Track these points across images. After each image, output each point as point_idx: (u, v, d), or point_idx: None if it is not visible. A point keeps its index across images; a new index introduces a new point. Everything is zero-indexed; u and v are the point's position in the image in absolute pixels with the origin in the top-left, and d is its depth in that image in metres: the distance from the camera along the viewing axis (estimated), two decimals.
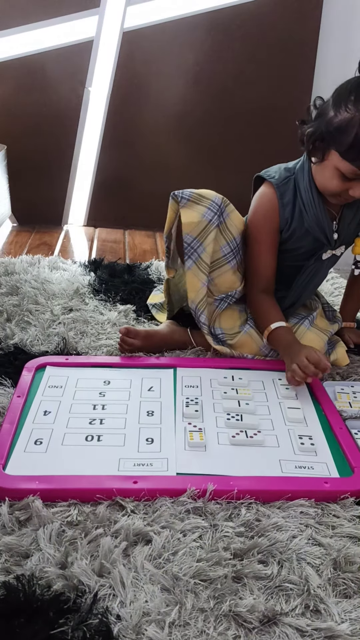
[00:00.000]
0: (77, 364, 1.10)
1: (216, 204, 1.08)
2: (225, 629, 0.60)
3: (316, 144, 1.02)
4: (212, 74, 2.10)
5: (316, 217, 1.10)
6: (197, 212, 1.07)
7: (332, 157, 1.00)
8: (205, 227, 1.07)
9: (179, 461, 0.84)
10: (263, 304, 1.15)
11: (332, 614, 0.63)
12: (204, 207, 1.08)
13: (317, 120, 1.03)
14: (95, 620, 0.59)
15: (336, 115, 0.98)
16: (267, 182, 1.13)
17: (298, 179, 1.10)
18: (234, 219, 1.12)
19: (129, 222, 2.25)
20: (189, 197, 1.09)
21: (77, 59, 2.02)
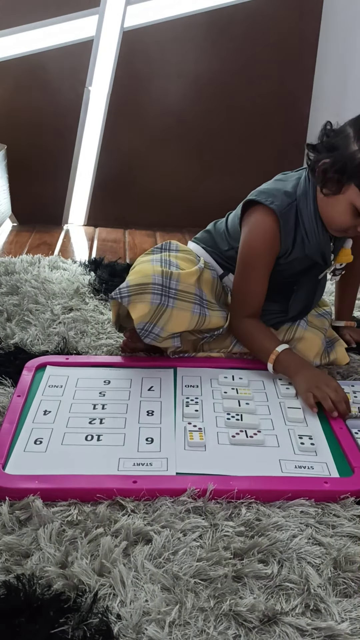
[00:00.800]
0: (78, 364, 1.10)
1: (158, 284, 1.03)
2: (225, 629, 0.60)
3: (332, 176, 0.98)
4: (211, 73, 2.10)
5: (319, 245, 1.08)
6: (145, 303, 1.03)
7: (350, 192, 0.97)
8: (157, 309, 1.03)
9: (178, 461, 0.84)
10: (254, 329, 1.11)
11: (333, 614, 0.63)
12: (149, 294, 1.03)
13: (334, 152, 0.99)
14: (95, 620, 0.59)
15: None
16: (266, 208, 1.06)
17: (300, 206, 1.06)
18: (184, 279, 1.07)
19: (129, 221, 2.25)
20: (129, 294, 1.03)
21: (77, 58, 2.02)
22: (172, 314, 1.05)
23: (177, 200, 2.23)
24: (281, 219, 1.05)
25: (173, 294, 1.05)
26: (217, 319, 1.13)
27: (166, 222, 2.24)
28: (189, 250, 1.20)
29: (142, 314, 1.03)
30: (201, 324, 1.10)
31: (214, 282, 1.16)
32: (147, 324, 1.03)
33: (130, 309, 1.03)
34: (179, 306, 1.05)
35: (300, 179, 1.08)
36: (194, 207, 2.21)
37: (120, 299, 1.04)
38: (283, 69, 2.12)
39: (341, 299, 1.32)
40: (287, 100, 2.15)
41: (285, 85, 2.14)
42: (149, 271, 1.05)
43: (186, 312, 1.06)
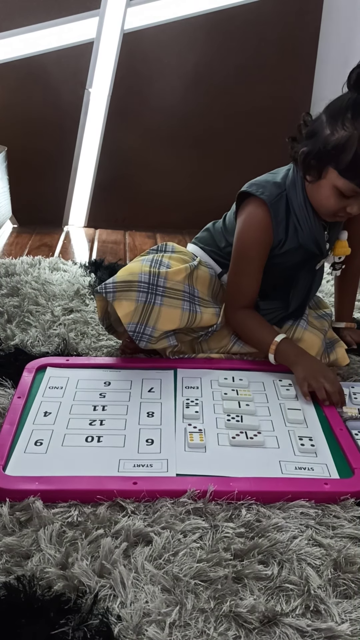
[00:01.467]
0: (78, 365, 1.10)
1: (144, 282, 1.03)
2: (225, 630, 0.60)
3: (312, 162, 1.01)
4: (212, 75, 2.11)
5: (311, 233, 1.09)
6: (130, 300, 1.03)
7: (330, 175, 0.99)
8: (144, 308, 1.03)
9: (179, 462, 0.84)
10: (251, 321, 1.12)
11: (333, 615, 0.63)
12: (134, 292, 1.03)
13: (312, 139, 1.01)
14: (95, 621, 0.59)
15: (333, 133, 0.97)
16: (257, 199, 1.08)
17: (290, 195, 1.07)
18: (172, 276, 1.07)
19: (129, 223, 2.25)
20: (114, 289, 1.03)
21: (78, 60, 2.03)
22: (161, 311, 1.04)
23: (177, 202, 2.24)
24: (271, 208, 1.07)
25: (160, 292, 1.05)
26: (209, 316, 1.12)
27: (166, 224, 2.25)
28: (185, 251, 1.20)
29: (127, 312, 1.03)
30: (192, 321, 1.09)
31: (211, 279, 1.17)
32: (137, 325, 1.03)
33: (115, 306, 1.03)
34: (167, 303, 1.05)
35: (290, 170, 1.10)
36: (194, 209, 2.21)
37: (105, 294, 1.04)
38: (283, 70, 2.13)
39: (341, 301, 1.32)
40: (288, 102, 2.15)
41: (286, 87, 2.14)
42: (136, 269, 1.06)
43: (176, 309, 1.06)
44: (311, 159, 1.01)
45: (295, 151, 1.05)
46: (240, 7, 2.04)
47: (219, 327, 1.15)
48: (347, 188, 0.99)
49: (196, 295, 1.11)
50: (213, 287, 1.17)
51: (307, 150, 1.01)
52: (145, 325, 1.04)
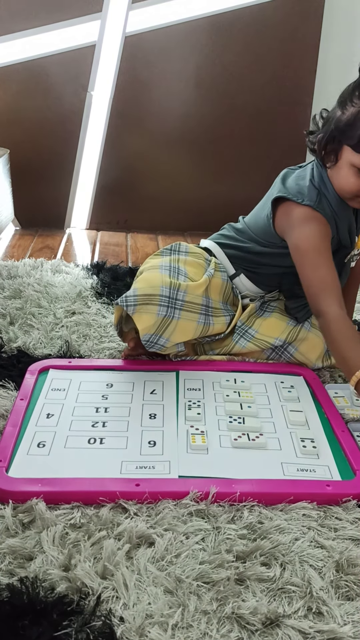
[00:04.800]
0: (80, 367, 1.10)
1: (165, 296, 1.03)
2: (228, 631, 0.60)
3: (328, 147, 1.03)
4: (213, 78, 2.11)
5: (348, 224, 1.09)
6: (150, 314, 1.03)
7: (345, 154, 1.01)
8: (163, 321, 1.04)
9: (181, 464, 0.84)
10: (343, 332, 0.98)
11: (335, 616, 0.63)
12: (156, 306, 1.03)
13: (325, 126, 1.05)
14: (98, 622, 0.59)
15: (343, 112, 1.00)
16: (302, 205, 1.06)
17: (324, 192, 1.07)
18: (192, 290, 1.07)
19: (131, 225, 2.25)
20: (135, 303, 1.03)
21: (80, 63, 2.03)
22: (178, 324, 1.06)
23: (179, 204, 2.24)
24: (319, 209, 1.05)
25: (179, 306, 1.05)
26: (219, 326, 1.14)
27: (168, 226, 2.25)
28: (199, 252, 1.20)
29: (147, 325, 1.03)
30: (205, 332, 1.11)
31: (223, 285, 1.17)
32: (152, 336, 1.04)
33: (135, 319, 1.04)
34: (185, 317, 1.06)
35: (314, 169, 1.10)
36: (196, 211, 2.22)
37: (126, 307, 1.04)
38: (285, 73, 2.13)
39: None
40: (289, 104, 2.15)
41: (287, 89, 2.14)
42: (157, 281, 1.06)
43: (191, 323, 1.07)
44: (327, 143, 1.02)
45: (312, 142, 1.07)
46: (242, 10, 2.04)
47: (225, 334, 1.16)
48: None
49: (210, 306, 1.12)
50: (225, 291, 1.18)
51: (322, 136, 1.03)
52: (160, 336, 1.05)
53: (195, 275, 1.14)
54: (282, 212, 1.10)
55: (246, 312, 1.18)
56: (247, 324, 1.17)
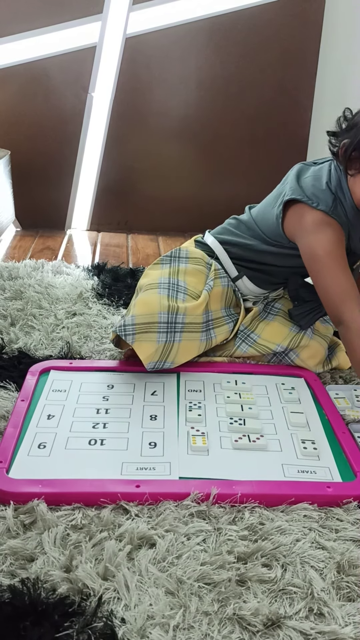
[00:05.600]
0: (81, 368, 1.10)
1: (164, 322, 1.03)
2: (229, 632, 0.60)
3: (354, 154, 0.98)
4: (214, 79, 2.11)
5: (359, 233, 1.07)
6: (151, 342, 1.02)
7: None
8: (164, 347, 1.03)
9: (181, 465, 0.84)
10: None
11: (336, 617, 0.63)
12: (155, 333, 1.02)
13: (352, 130, 1.00)
14: (100, 624, 0.60)
15: None
16: (316, 210, 1.03)
17: (340, 197, 1.05)
18: (191, 311, 1.07)
19: (132, 226, 2.26)
20: (134, 332, 1.02)
21: (80, 64, 2.03)
22: (180, 347, 1.06)
23: (179, 205, 2.24)
24: (334, 215, 1.03)
25: (179, 329, 1.05)
26: (222, 336, 1.14)
27: (169, 227, 2.25)
28: (200, 256, 1.19)
29: (149, 354, 1.03)
30: (209, 346, 1.12)
31: (224, 291, 1.17)
32: (156, 363, 1.04)
33: (136, 348, 1.03)
34: (186, 338, 1.06)
35: (331, 171, 1.07)
36: (197, 212, 2.22)
37: (125, 336, 1.03)
38: (285, 75, 2.13)
39: None
40: (289, 106, 2.15)
41: (288, 91, 2.15)
42: (155, 307, 1.05)
43: (194, 342, 1.08)
44: (352, 150, 0.98)
45: (336, 145, 1.03)
46: (243, 12, 2.04)
47: (228, 340, 1.16)
48: None
49: (211, 319, 1.12)
50: (226, 297, 1.18)
51: (349, 142, 0.99)
52: (164, 361, 1.05)
53: (196, 287, 1.13)
54: (294, 214, 1.07)
55: (249, 315, 1.18)
56: (249, 327, 1.17)
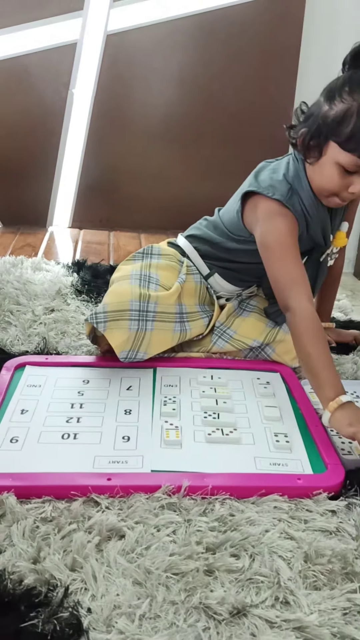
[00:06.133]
0: (57, 364, 1.10)
1: (135, 310, 1.04)
2: (195, 621, 0.61)
3: (312, 142, 1.00)
4: (196, 77, 2.12)
5: (321, 223, 1.08)
6: (122, 329, 1.02)
7: (331, 151, 0.98)
8: (136, 336, 1.04)
9: (154, 458, 0.84)
10: (323, 341, 0.95)
11: (302, 606, 0.64)
12: (126, 321, 1.03)
13: (309, 120, 1.01)
14: (65, 614, 0.60)
15: (331, 108, 0.96)
16: (271, 200, 1.04)
17: (297, 188, 1.06)
18: (163, 300, 1.07)
19: (113, 223, 2.26)
20: (105, 319, 1.02)
21: (61, 61, 2.03)
22: (153, 336, 1.06)
23: (162, 203, 2.25)
24: (288, 204, 1.04)
25: (151, 317, 1.05)
26: (197, 329, 1.14)
27: (151, 224, 2.26)
28: (172, 253, 1.20)
29: (120, 342, 1.03)
30: (183, 339, 1.12)
31: (197, 287, 1.17)
32: (129, 352, 1.04)
33: (107, 336, 1.03)
34: (159, 327, 1.06)
35: (289, 163, 1.08)
36: (179, 209, 2.22)
37: (97, 324, 1.03)
38: (266, 73, 2.14)
39: (321, 301, 1.32)
40: (271, 104, 2.16)
41: (269, 89, 2.16)
42: (126, 295, 1.05)
43: (167, 332, 1.08)
44: (311, 138, 0.99)
45: (293, 137, 1.04)
46: (224, 10, 2.05)
47: (204, 335, 1.16)
48: (349, 162, 0.96)
49: (184, 312, 1.12)
50: (200, 294, 1.18)
51: (306, 131, 1.00)
52: (137, 351, 1.05)
53: (168, 280, 1.13)
54: (251, 206, 1.09)
55: (224, 312, 1.18)
56: (225, 324, 1.17)
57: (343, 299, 1.58)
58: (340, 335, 1.32)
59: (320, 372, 0.92)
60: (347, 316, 1.48)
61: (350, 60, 0.98)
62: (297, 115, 1.06)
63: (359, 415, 0.86)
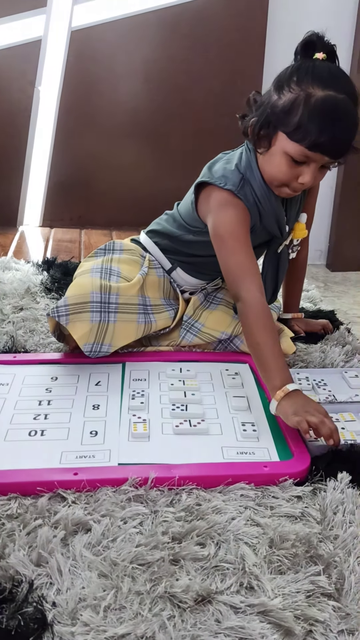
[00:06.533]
0: (25, 362, 1.10)
1: (96, 302, 1.03)
2: (160, 610, 0.61)
3: (262, 132, 1.00)
4: (162, 71, 2.12)
5: (274, 213, 1.08)
6: (84, 322, 1.02)
7: (280, 141, 0.98)
8: (99, 328, 1.03)
9: (121, 452, 0.85)
10: (272, 331, 0.97)
11: (266, 590, 0.64)
12: (88, 313, 1.03)
13: (260, 109, 1.01)
14: (30, 609, 0.60)
15: (280, 97, 0.97)
16: (223, 190, 1.04)
17: (248, 177, 1.06)
18: (124, 291, 1.07)
19: (85, 221, 2.25)
20: (67, 312, 1.02)
21: (26, 58, 2.02)
22: (116, 328, 1.05)
23: (133, 199, 2.24)
24: (240, 195, 1.04)
25: (113, 309, 1.05)
26: (163, 321, 1.14)
27: (123, 221, 2.25)
28: (134, 248, 1.21)
29: (82, 333, 1.03)
30: (148, 330, 1.11)
31: (160, 281, 1.18)
32: (93, 345, 1.04)
33: (70, 329, 1.03)
34: (122, 319, 1.06)
35: (242, 154, 1.09)
36: (150, 205, 2.20)
37: (58, 317, 1.03)
38: (233, 67, 2.15)
39: (288, 292, 1.34)
40: (238, 97, 2.15)
41: (236, 82, 2.16)
42: (87, 287, 1.05)
43: (131, 324, 1.08)
44: (260, 127, 0.99)
45: (245, 126, 1.04)
46: (189, 4, 2.05)
47: (171, 328, 1.16)
48: (297, 152, 0.96)
49: (149, 304, 1.11)
50: (163, 287, 1.18)
51: (256, 120, 1.00)
52: (101, 344, 1.05)
53: (130, 273, 1.13)
54: (204, 196, 1.09)
55: (190, 305, 1.19)
56: (193, 317, 1.17)
57: (312, 289, 1.60)
58: (309, 325, 1.33)
59: (268, 362, 0.94)
60: (316, 306, 1.49)
61: (301, 50, 0.99)
62: (250, 105, 1.05)
63: (304, 403, 0.88)
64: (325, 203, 2.39)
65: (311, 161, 0.97)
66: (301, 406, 0.87)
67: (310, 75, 0.95)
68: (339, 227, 2.40)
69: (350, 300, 2.16)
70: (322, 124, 0.93)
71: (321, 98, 0.93)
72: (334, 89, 0.93)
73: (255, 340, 0.96)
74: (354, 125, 0.96)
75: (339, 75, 0.96)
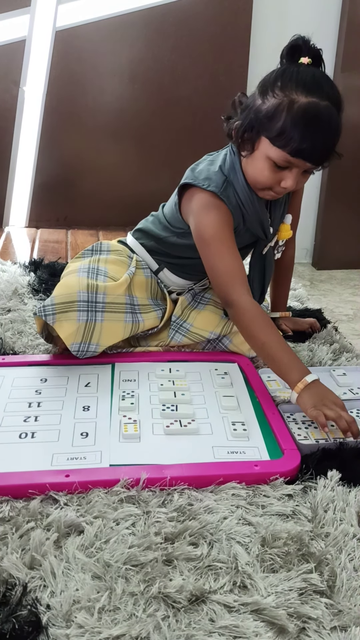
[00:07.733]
0: (14, 364, 1.10)
1: (83, 301, 1.03)
2: (154, 611, 0.62)
3: (245, 135, 1.00)
4: (147, 71, 2.12)
5: (257, 215, 1.09)
6: (71, 321, 1.02)
7: (263, 145, 0.99)
8: (86, 327, 1.03)
9: (112, 453, 0.85)
10: (272, 327, 0.98)
11: (259, 589, 0.65)
12: (75, 312, 1.02)
13: (244, 112, 1.01)
14: (24, 612, 0.60)
15: (264, 102, 0.97)
16: (206, 191, 1.04)
17: (232, 179, 1.06)
18: (111, 291, 1.08)
19: (71, 221, 2.24)
20: (54, 312, 1.02)
21: (10, 58, 2.00)
22: (103, 327, 1.05)
23: (118, 199, 2.24)
24: (223, 196, 1.04)
25: (101, 308, 1.05)
26: (151, 321, 1.14)
27: (109, 221, 2.25)
28: (121, 249, 1.21)
29: (70, 333, 1.02)
30: (136, 330, 1.11)
31: (147, 282, 1.18)
32: (80, 344, 1.04)
33: (56, 328, 1.03)
34: (109, 318, 1.06)
35: (227, 156, 1.09)
36: (136, 205, 2.20)
37: (45, 317, 1.02)
38: (218, 66, 2.15)
39: (275, 291, 1.34)
40: (223, 96, 2.16)
41: (221, 82, 2.17)
42: (74, 287, 1.05)
43: (118, 323, 1.08)
44: (244, 131, 1.00)
45: (230, 128, 1.04)
46: (174, 4, 2.06)
47: (159, 328, 1.16)
48: (279, 157, 0.97)
49: (136, 304, 1.11)
50: (151, 288, 1.18)
51: (240, 124, 1.01)
52: (88, 343, 1.04)
53: (117, 273, 1.13)
54: (187, 198, 1.09)
55: (179, 305, 1.19)
56: (181, 317, 1.18)
57: (299, 288, 1.61)
58: (297, 324, 1.34)
59: (280, 357, 0.95)
60: (303, 305, 1.50)
61: (287, 54, 0.99)
62: (235, 107, 1.05)
63: (322, 396, 0.90)
64: (311, 202, 2.41)
65: (294, 166, 0.98)
66: (320, 399, 0.89)
67: (294, 81, 0.95)
68: (325, 226, 2.42)
69: (336, 298, 2.18)
70: (304, 131, 0.94)
71: (304, 105, 0.93)
72: (317, 96, 0.94)
73: (260, 340, 0.97)
74: (336, 132, 0.97)
75: (323, 81, 0.96)
